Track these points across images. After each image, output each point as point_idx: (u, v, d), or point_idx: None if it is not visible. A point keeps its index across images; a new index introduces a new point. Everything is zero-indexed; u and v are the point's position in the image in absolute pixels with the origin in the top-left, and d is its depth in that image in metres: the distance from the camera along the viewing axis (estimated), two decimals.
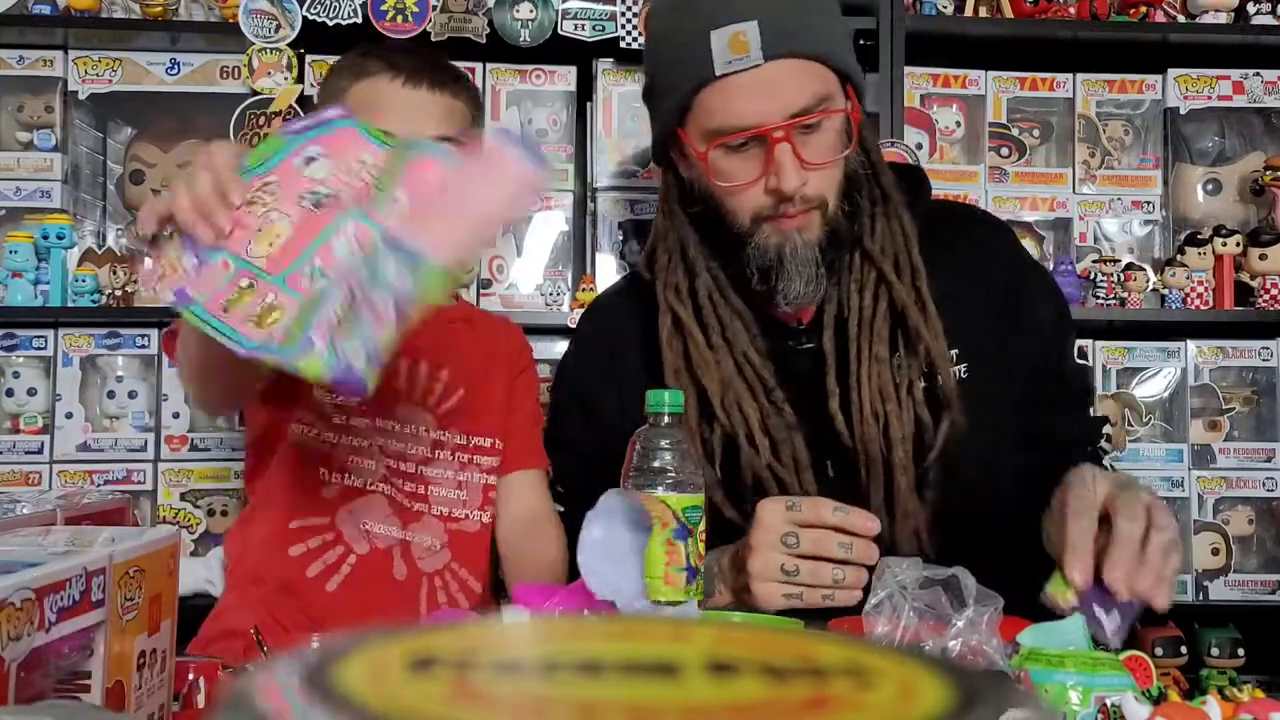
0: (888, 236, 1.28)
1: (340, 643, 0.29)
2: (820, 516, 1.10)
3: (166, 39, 1.95)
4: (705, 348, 1.28)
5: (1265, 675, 1.89)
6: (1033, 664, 0.82)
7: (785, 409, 1.26)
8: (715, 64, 1.19)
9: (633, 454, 1.10)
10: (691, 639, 0.31)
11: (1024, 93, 2.07)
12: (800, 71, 1.19)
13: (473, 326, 1.48)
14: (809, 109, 1.19)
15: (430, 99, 1.32)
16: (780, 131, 1.18)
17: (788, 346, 1.30)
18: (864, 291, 1.27)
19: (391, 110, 1.30)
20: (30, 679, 0.63)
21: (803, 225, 1.23)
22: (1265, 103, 2.07)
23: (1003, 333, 1.30)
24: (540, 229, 2.00)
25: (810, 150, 1.20)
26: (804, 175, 1.19)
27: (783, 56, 1.18)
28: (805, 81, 1.19)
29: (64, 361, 1.93)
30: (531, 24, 1.92)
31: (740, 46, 1.18)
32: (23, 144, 1.98)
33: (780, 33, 1.18)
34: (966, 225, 1.39)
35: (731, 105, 1.20)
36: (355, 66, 1.35)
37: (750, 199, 1.23)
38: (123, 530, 0.77)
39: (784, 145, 1.18)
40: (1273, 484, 2.00)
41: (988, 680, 0.28)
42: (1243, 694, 0.80)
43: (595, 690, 0.27)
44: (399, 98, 1.31)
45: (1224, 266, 2.00)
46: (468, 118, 1.37)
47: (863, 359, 1.25)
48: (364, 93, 1.32)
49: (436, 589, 1.35)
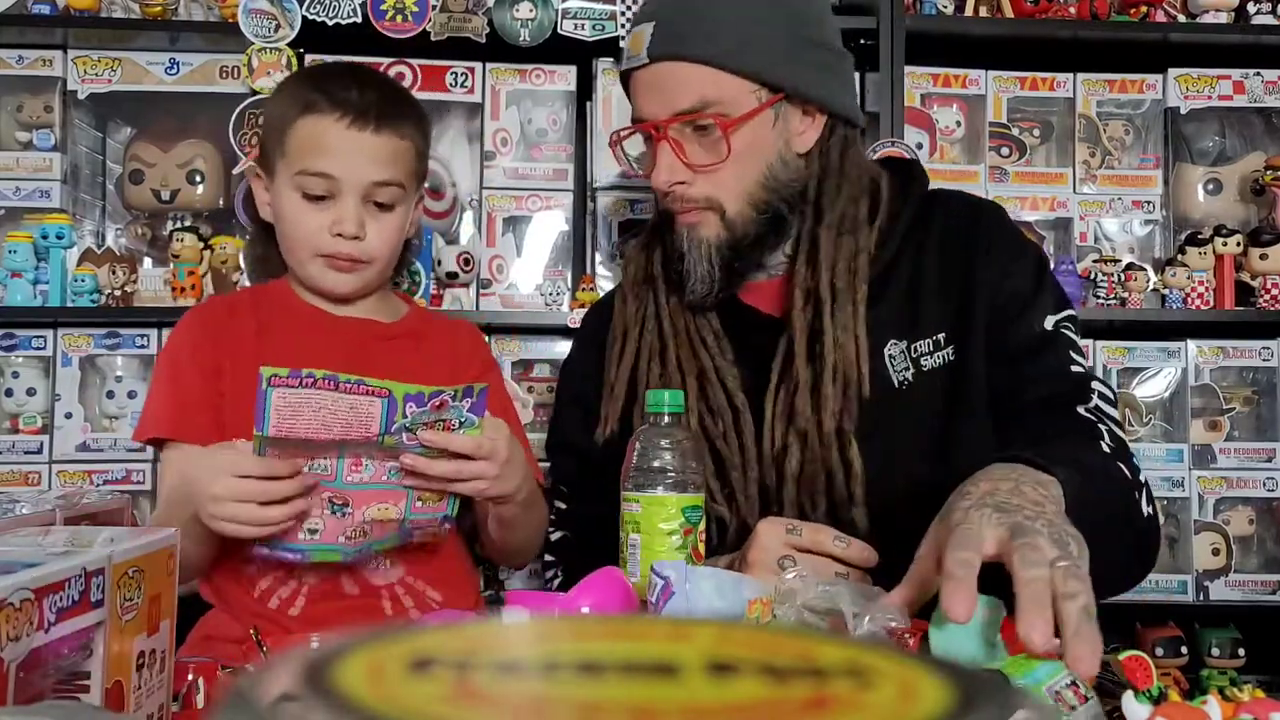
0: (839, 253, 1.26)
1: (340, 643, 0.29)
2: (819, 544, 1.10)
3: (166, 39, 1.95)
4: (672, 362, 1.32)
5: (1265, 675, 1.89)
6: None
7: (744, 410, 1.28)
8: (622, 59, 1.29)
9: (632, 454, 1.10)
10: (691, 639, 0.31)
11: (1024, 92, 2.07)
12: (684, 74, 1.22)
13: (418, 340, 1.45)
14: (689, 110, 1.22)
15: (375, 143, 1.33)
16: (659, 129, 1.24)
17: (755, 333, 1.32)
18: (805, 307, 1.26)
19: (335, 154, 1.32)
20: (30, 679, 0.63)
21: (695, 224, 1.27)
22: (1265, 102, 2.07)
23: (973, 301, 1.27)
24: (540, 229, 2.00)
25: (695, 153, 1.24)
26: (681, 174, 1.24)
27: (666, 59, 1.22)
28: (690, 84, 1.22)
29: (63, 361, 1.93)
30: (531, 24, 1.92)
31: (637, 45, 1.25)
32: (22, 144, 1.98)
33: (669, 35, 1.22)
34: (955, 208, 1.35)
35: (634, 99, 1.28)
36: (303, 98, 1.34)
37: (655, 190, 1.29)
38: (122, 530, 0.77)
39: (662, 144, 1.24)
40: (1273, 484, 2.00)
41: (988, 681, 0.28)
42: (1243, 694, 0.80)
43: (595, 690, 0.27)
44: (343, 141, 1.31)
45: (1224, 266, 2.00)
46: (414, 155, 1.38)
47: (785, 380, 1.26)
48: (309, 131, 1.32)
49: (399, 596, 1.35)
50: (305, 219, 1.34)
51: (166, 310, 1.91)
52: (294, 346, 1.36)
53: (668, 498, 1.07)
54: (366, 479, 1.17)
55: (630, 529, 1.09)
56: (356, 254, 1.35)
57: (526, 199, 1.99)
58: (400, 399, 1.13)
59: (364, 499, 1.18)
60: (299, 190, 1.34)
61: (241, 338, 1.38)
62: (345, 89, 1.33)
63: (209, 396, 1.34)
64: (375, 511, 1.19)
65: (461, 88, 1.98)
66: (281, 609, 1.33)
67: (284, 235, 1.39)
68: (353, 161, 1.32)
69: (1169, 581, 1.97)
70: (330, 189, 1.33)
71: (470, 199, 1.99)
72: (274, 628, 1.29)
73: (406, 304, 1.51)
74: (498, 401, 1.46)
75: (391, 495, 1.19)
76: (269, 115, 1.41)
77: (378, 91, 1.36)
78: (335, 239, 1.34)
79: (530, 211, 2.00)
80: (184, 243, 1.89)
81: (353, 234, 1.33)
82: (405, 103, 1.40)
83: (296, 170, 1.33)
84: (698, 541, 1.09)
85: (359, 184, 1.33)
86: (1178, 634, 1.94)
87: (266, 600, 1.33)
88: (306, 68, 1.52)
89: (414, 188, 1.41)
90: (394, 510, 1.19)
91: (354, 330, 1.40)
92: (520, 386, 1.97)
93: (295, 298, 1.42)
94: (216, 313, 1.41)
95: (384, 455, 1.16)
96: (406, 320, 1.47)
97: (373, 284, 1.41)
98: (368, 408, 1.12)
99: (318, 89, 1.34)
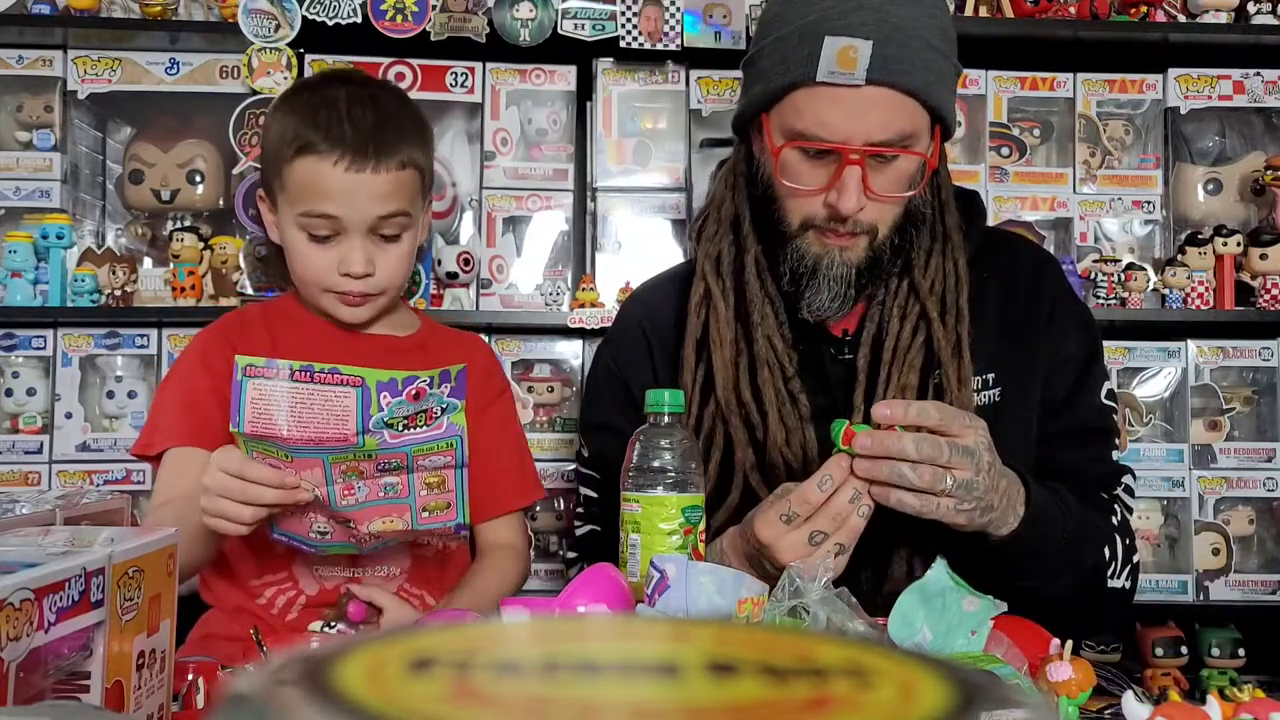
0: (939, 275, 1.28)
1: (340, 643, 0.29)
2: (811, 504, 1.07)
3: (166, 39, 1.95)
4: (725, 324, 1.29)
5: (1265, 675, 1.88)
6: None
7: (801, 399, 1.27)
8: (820, 69, 1.18)
9: (633, 454, 1.10)
10: (691, 639, 0.31)
11: (1024, 92, 2.07)
12: (895, 103, 1.19)
13: (430, 354, 1.42)
14: (890, 143, 1.20)
15: (375, 180, 1.30)
16: (856, 155, 1.19)
17: (827, 353, 1.31)
18: (905, 321, 1.27)
19: (335, 196, 1.29)
20: (30, 679, 0.63)
21: (847, 246, 1.24)
22: (1266, 102, 2.07)
23: (1034, 361, 1.30)
24: (540, 229, 2.00)
25: (879, 181, 1.21)
26: (864, 202, 1.20)
27: (884, 84, 1.18)
28: (896, 114, 1.19)
29: (63, 361, 1.93)
30: (531, 23, 1.92)
31: (849, 62, 1.17)
32: (22, 144, 1.98)
33: (889, 59, 1.17)
34: (1014, 253, 1.39)
35: (822, 114, 1.20)
36: (299, 136, 1.30)
37: (807, 205, 1.24)
38: (122, 530, 0.77)
39: (854, 168, 1.19)
40: (1273, 484, 2.00)
41: (988, 681, 0.28)
42: (1243, 694, 0.80)
43: (595, 690, 0.27)
44: (342, 183, 1.29)
45: (1224, 266, 2.00)
46: (418, 178, 1.35)
47: (891, 383, 1.25)
48: (307, 173, 1.30)
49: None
50: (313, 259, 1.33)
51: (166, 310, 1.91)
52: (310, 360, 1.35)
53: (668, 498, 1.07)
54: (362, 499, 1.16)
55: (630, 529, 1.09)
56: (367, 290, 1.34)
57: (526, 199, 1.99)
58: (373, 387, 1.11)
59: (365, 516, 1.18)
60: (303, 230, 1.32)
61: (257, 350, 1.37)
62: (338, 123, 1.29)
63: (221, 404, 1.34)
64: (380, 524, 1.18)
65: (461, 88, 1.98)
66: (281, 614, 1.33)
67: (293, 269, 1.38)
68: (354, 202, 1.30)
69: (1169, 581, 1.97)
70: (335, 228, 1.31)
71: (470, 199, 1.99)
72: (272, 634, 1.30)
73: (417, 316, 1.51)
74: (507, 425, 1.46)
75: (394, 509, 1.18)
76: (267, 142, 1.38)
77: (374, 118, 1.32)
78: (344, 278, 1.33)
79: (530, 211, 2.00)
80: (184, 243, 1.89)
81: (361, 273, 1.32)
82: (404, 124, 1.35)
83: (299, 211, 1.31)
84: (698, 541, 1.09)
85: (363, 222, 1.31)
86: (1178, 634, 1.94)
87: (269, 608, 1.33)
88: (299, 84, 1.47)
89: (421, 207, 1.38)
90: (399, 521, 1.18)
91: (368, 346, 1.40)
92: (520, 386, 1.97)
93: (307, 313, 1.42)
94: (231, 326, 1.41)
95: (371, 469, 1.14)
96: (419, 334, 1.47)
97: (386, 309, 1.41)
98: (342, 400, 1.11)
99: (312, 124, 1.30)
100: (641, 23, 1.91)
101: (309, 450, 1.11)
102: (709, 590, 0.92)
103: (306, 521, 1.18)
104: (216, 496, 1.10)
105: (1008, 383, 1.29)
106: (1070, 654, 0.88)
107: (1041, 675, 0.87)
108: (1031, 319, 1.32)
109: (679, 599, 0.91)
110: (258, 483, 1.09)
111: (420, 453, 1.15)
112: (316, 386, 1.11)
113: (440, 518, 1.20)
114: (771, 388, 1.26)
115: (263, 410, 1.10)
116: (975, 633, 0.89)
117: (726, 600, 0.93)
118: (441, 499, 1.19)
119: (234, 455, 1.10)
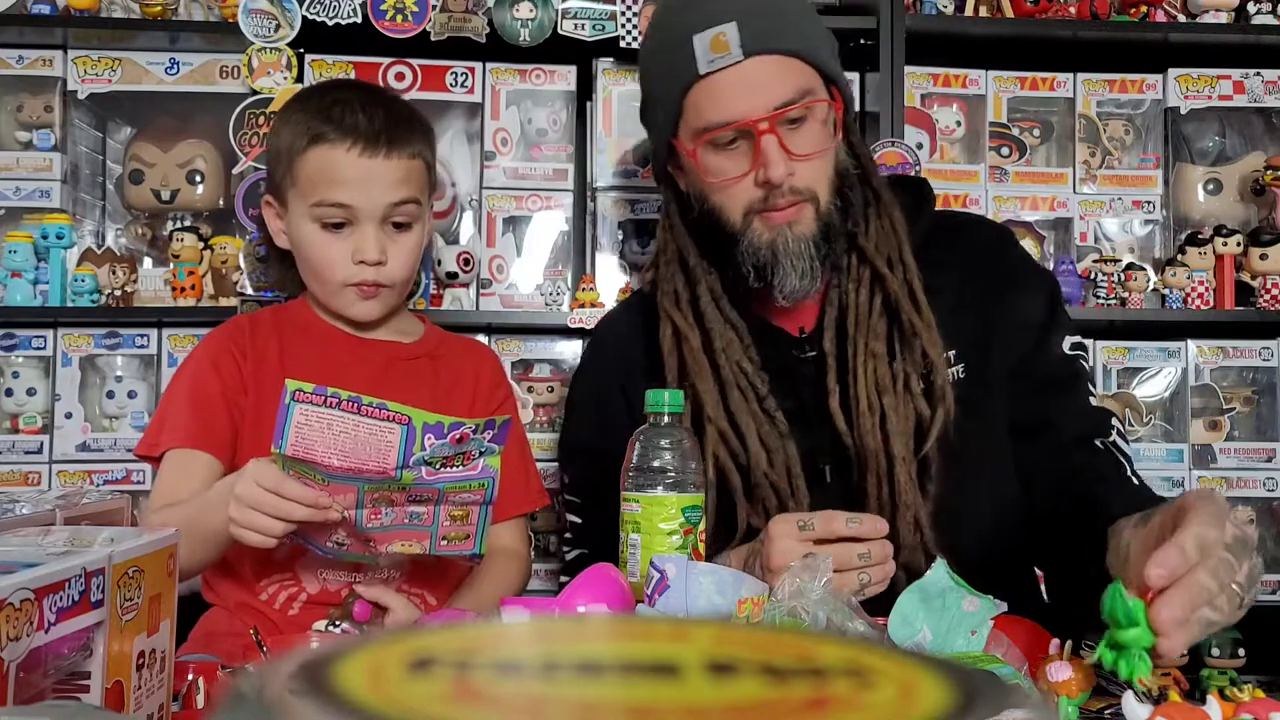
0: (881, 235, 1.31)
1: (340, 643, 0.29)
2: (833, 530, 1.09)
3: (166, 39, 1.95)
4: (701, 353, 1.30)
5: (1266, 675, 1.88)
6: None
7: (778, 417, 1.28)
8: (699, 64, 1.22)
9: (632, 454, 1.10)
10: (691, 639, 0.31)
11: (1024, 92, 2.07)
12: (781, 66, 1.23)
13: (437, 361, 1.46)
14: (792, 101, 1.22)
15: (387, 167, 1.33)
16: (765, 123, 1.21)
17: (791, 356, 1.32)
18: (859, 289, 1.29)
19: (349, 183, 1.32)
20: (30, 679, 0.63)
21: (794, 219, 1.25)
22: (1266, 102, 2.07)
23: (992, 331, 1.31)
24: (540, 229, 2.00)
25: (796, 142, 1.23)
26: (791, 165, 1.22)
27: (762, 53, 1.22)
28: (787, 76, 1.23)
29: (63, 361, 1.93)
30: (531, 23, 1.92)
31: (721, 46, 1.21)
32: (22, 144, 1.98)
33: (758, 31, 1.21)
34: (965, 230, 1.41)
35: (718, 102, 1.23)
36: (311, 128, 1.34)
37: (741, 193, 1.25)
38: (122, 530, 0.77)
39: (769, 136, 1.21)
40: (1273, 484, 2.00)
41: (988, 681, 0.28)
42: (1243, 694, 0.80)
43: (595, 690, 0.27)
44: (356, 169, 1.32)
45: (1224, 266, 2.00)
46: (425, 169, 1.39)
47: (859, 355, 1.26)
48: (320, 162, 1.33)
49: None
50: (327, 250, 1.35)
51: (166, 310, 1.91)
52: (319, 368, 1.36)
53: (668, 498, 1.07)
54: (387, 523, 1.17)
55: (630, 529, 1.09)
56: (380, 279, 1.36)
57: (526, 199, 1.99)
58: (419, 428, 1.13)
59: (387, 538, 1.19)
60: (317, 221, 1.34)
61: (265, 356, 1.38)
62: (351, 114, 1.33)
63: (230, 410, 1.35)
64: (399, 546, 1.20)
65: (461, 88, 1.98)
66: (283, 609, 1.33)
67: (307, 266, 1.39)
68: (368, 188, 1.33)
69: None
70: (348, 216, 1.34)
71: (470, 199, 1.99)
72: (273, 629, 1.30)
73: (422, 322, 1.52)
74: (514, 435, 1.47)
75: (416, 535, 1.19)
76: (275, 145, 1.40)
77: (384, 112, 1.36)
78: (359, 266, 1.34)
79: (530, 211, 1.99)
80: (184, 243, 1.89)
81: (375, 260, 1.34)
82: (412, 118, 1.40)
83: (312, 202, 1.33)
84: (698, 541, 1.09)
85: (376, 209, 1.34)
86: None
87: (271, 604, 1.34)
88: (306, 90, 1.50)
89: (428, 201, 1.41)
90: (417, 546, 1.20)
91: (378, 352, 1.42)
92: (520, 386, 1.97)
93: (317, 319, 1.43)
94: (241, 330, 1.41)
95: (403, 499, 1.15)
96: (426, 341, 1.48)
97: (394, 306, 1.43)
98: (386, 435, 1.13)
99: (324, 118, 1.33)
100: (641, 23, 1.91)
101: (346, 478, 1.12)
102: (709, 590, 0.93)
103: (327, 533, 1.19)
104: (248, 508, 1.11)
105: (969, 360, 1.30)
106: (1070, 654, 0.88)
107: (1041, 675, 0.87)
108: (992, 291, 1.33)
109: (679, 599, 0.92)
110: (293, 500, 1.10)
111: (452, 490, 1.16)
112: (362, 419, 1.13)
113: (457, 546, 1.21)
114: (747, 412, 1.27)
115: (306, 436, 1.12)
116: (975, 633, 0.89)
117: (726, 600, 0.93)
118: (462, 530, 1.20)
119: (271, 470, 1.11)
